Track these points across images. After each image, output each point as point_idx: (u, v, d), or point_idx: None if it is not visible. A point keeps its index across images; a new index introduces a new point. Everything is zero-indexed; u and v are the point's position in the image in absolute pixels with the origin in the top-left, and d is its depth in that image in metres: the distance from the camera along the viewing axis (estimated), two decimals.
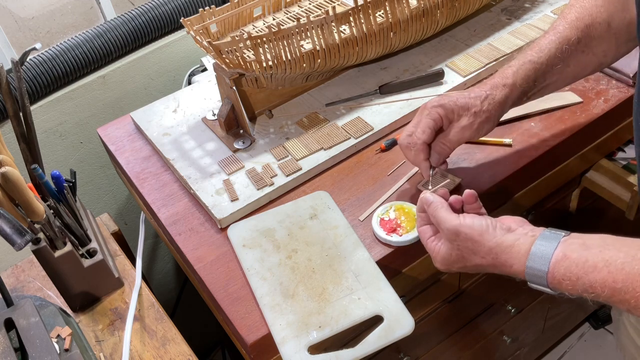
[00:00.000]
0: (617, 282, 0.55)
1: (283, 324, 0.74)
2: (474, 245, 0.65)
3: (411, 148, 0.80)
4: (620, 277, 0.54)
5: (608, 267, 0.55)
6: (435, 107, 0.78)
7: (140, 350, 0.82)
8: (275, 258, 0.82)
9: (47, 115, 1.15)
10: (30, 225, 0.77)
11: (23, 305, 0.76)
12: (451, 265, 0.69)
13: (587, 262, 0.57)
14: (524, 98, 0.80)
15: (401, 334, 0.71)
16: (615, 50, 0.79)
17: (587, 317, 1.65)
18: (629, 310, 0.56)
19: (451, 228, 0.66)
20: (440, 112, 0.78)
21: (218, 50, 0.88)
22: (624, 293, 0.54)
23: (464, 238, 0.65)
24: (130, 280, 0.91)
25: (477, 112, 0.77)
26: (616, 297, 0.55)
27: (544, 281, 0.60)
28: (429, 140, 0.79)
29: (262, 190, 0.91)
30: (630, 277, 0.54)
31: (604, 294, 0.56)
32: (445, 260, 0.69)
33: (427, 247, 0.72)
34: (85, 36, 1.13)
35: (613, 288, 0.55)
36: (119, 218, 1.35)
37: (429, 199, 0.70)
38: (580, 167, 1.05)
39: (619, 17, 0.76)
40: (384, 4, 0.95)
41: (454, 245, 0.67)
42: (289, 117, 1.03)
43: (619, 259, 0.55)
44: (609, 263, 0.55)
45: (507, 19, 1.15)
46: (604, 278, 0.55)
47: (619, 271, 0.55)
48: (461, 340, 1.18)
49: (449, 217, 0.67)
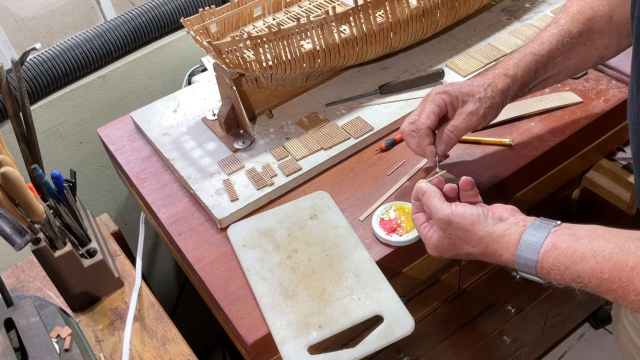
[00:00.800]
0: (604, 272, 0.55)
1: (283, 324, 0.74)
2: (465, 234, 0.65)
3: (414, 135, 0.79)
4: (608, 268, 0.55)
5: (596, 258, 0.56)
6: (439, 94, 0.78)
7: (140, 350, 0.82)
8: (275, 258, 0.82)
9: (47, 115, 1.15)
10: (30, 225, 0.77)
11: (23, 305, 0.76)
12: (443, 252, 0.70)
13: (575, 252, 0.57)
14: (525, 89, 0.80)
15: (401, 334, 0.71)
16: (617, 43, 0.79)
17: (587, 317, 1.65)
18: (615, 300, 0.56)
19: (443, 217, 0.66)
20: (444, 99, 0.78)
21: (218, 50, 0.88)
22: (610, 283, 0.55)
23: (456, 227, 0.66)
24: (130, 280, 0.91)
25: (482, 98, 0.77)
26: (603, 287, 0.56)
27: (533, 270, 0.61)
28: (433, 126, 0.78)
29: (262, 190, 0.91)
30: (617, 268, 0.54)
31: (591, 284, 0.56)
32: (437, 248, 0.70)
33: (420, 233, 0.73)
34: (85, 36, 1.13)
35: (600, 278, 0.55)
36: (119, 218, 1.35)
37: (422, 187, 0.70)
38: (580, 167, 1.05)
39: (620, 11, 0.77)
40: (384, 4, 0.95)
41: (446, 234, 0.67)
42: (289, 117, 1.03)
43: (607, 250, 0.55)
44: (597, 253, 0.56)
45: (507, 19, 1.15)
46: (591, 268, 0.56)
47: (607, 261, 0.55)
48: (461, 340, 1.18)
49: (441, 206, 0.67)
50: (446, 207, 0.67)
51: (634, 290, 0.53)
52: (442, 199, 0.69)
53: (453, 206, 0.66)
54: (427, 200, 0.69)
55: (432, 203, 0.68)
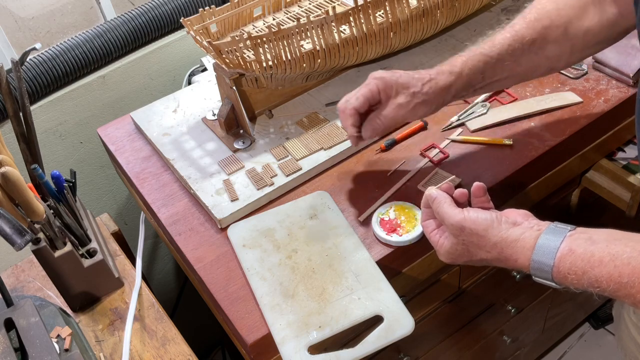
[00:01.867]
0: (622, 276, 0.55)
1: (283, 324, 0.74)
2: (479, 239, 0.65)
3: (343, 112, 0.79)
4: (627, 272, 0.54)
5: (614, 262, 0.55)
6: (375, 79, 0.78)
7: (140, 350, 0.82)
8: (275, 258, 0.82)
9: (47, 115, 1.15)
10: (30, 225, 0.77)
11: (23, 305, 0.76)
12: (456, 259, 0.69)
13: (593, 257, 0.57)
14: (470, 90, 0.80)
15: (401, 334, 0.71)
16: (568, 55, 0.80)
17: (587, 317, 1.65)
18: (634, 305, 0.56)
19: (455, 223, 0.66)
20: (378, 85, 0.77)
21: (218, 50, 0.88)
22: (629, 287, 0.54)
23: (469, 233, 0.65)
24: (130, 280, 0.91)
25: (416, 92, 0.77)
26: (622, 292, 0.55)
27: (549, 275, 0.60)
28: (360, 108, 0.78)
29: (262, 190, 0.91)
30: (636, 272, 0.54)
31: (609, 289, 0.56)
32: (450, 254, 0.69)
33: (431, 240, 0.72)
34: (85, 36, 1.13)
35: (619, 282, 0.55)
36: (119, 218, 1.35)
37: (432, 194, 0.70)
38: (580, 167, 1.05)
39: (576, 24, 0.77)
40: (384, 4, 0.95)
41: (459, 240, 0.67)
42: (289, 117, 1.03)
43: (625, 254, 0.55)
44: (615, 257, 0.55)
45: (507, 19, 1.15)
46: (609, 272, 0.55)
47: (625, 265, 0.55)
48: (461, 340, 1.18)
49: (452, 212, 0.66)
50: (458, 212, 0.66)
51: None
52: (453, 204, 0.68)
53: (465, 212, 0.66)
54: (437, 207, 0.68)
55: (443, 209, 0.67)
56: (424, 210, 0.73)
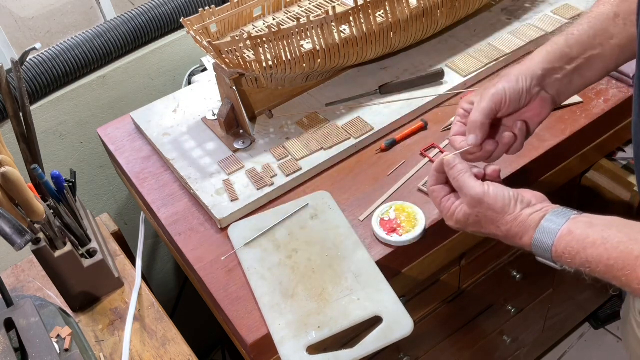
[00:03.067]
0: (610, 259, 0.57)
1: (282, 324, 0.74)
2: (494, 215, 0.65)
3: None
4: (615, 255, 0.57)
5: (605, 245, 0.58)
6: None
7: (140, 350, 0.82)
8: (275, 258, 0.82)
9: (47, 115, 1.15)
10: (30, 225, 0.77)
11: (23, 305, 0.76)
12: (465, 227, 0.70)
13: (587, 239, 0.59)
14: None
15: (400, 335, 0.71)
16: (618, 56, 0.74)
17: (587, 317, 1.65)
18: (621, 287, 0.58)
19: (475, 196, 0.66)
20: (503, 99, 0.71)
21: (218, 50, 0.88)
22: (616, 270, 0.57)
23: (487, 207, 0.66)
24: (130, 280, 0.91)
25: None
26: (609, 274, 0.58)
27: (549, 254, 0.62)
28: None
29: (262, 190, 0.91)
30: (622, 256, 0.56)
31: (598, 270, 0.58)
32: (460, 223, 0.69)
33: (441, 206, 0.71)
34: (85, 36, 1.13)
35: (607, 265, 0.57)
36: (119, 218, 1.35)
37: (451, 161, 0.68)
38: (580, 167, 1.05)
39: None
40: (384, 4, 0.95)
41: (474, 212, 0.67)
42: (289, 117, 1.03)
43: (616, 238, 0.57)
44: (606, 241, 0.58)
45: (507, 19, 1.15)
46: (600, 254, 0.58)
47: (614, 249, 0.57)
48: (461, 340, 1.18)
49: (474, 184, 0.66)
50: (479, 185, 0.66)
51: (636, 279, 0.55)
52: (473, 176, 0.68)
53: (486, 186, 0.66)
54: (457, 175, 0.68)
55: (464, 179, 0.67)
56: (435, 175, 0.71)
